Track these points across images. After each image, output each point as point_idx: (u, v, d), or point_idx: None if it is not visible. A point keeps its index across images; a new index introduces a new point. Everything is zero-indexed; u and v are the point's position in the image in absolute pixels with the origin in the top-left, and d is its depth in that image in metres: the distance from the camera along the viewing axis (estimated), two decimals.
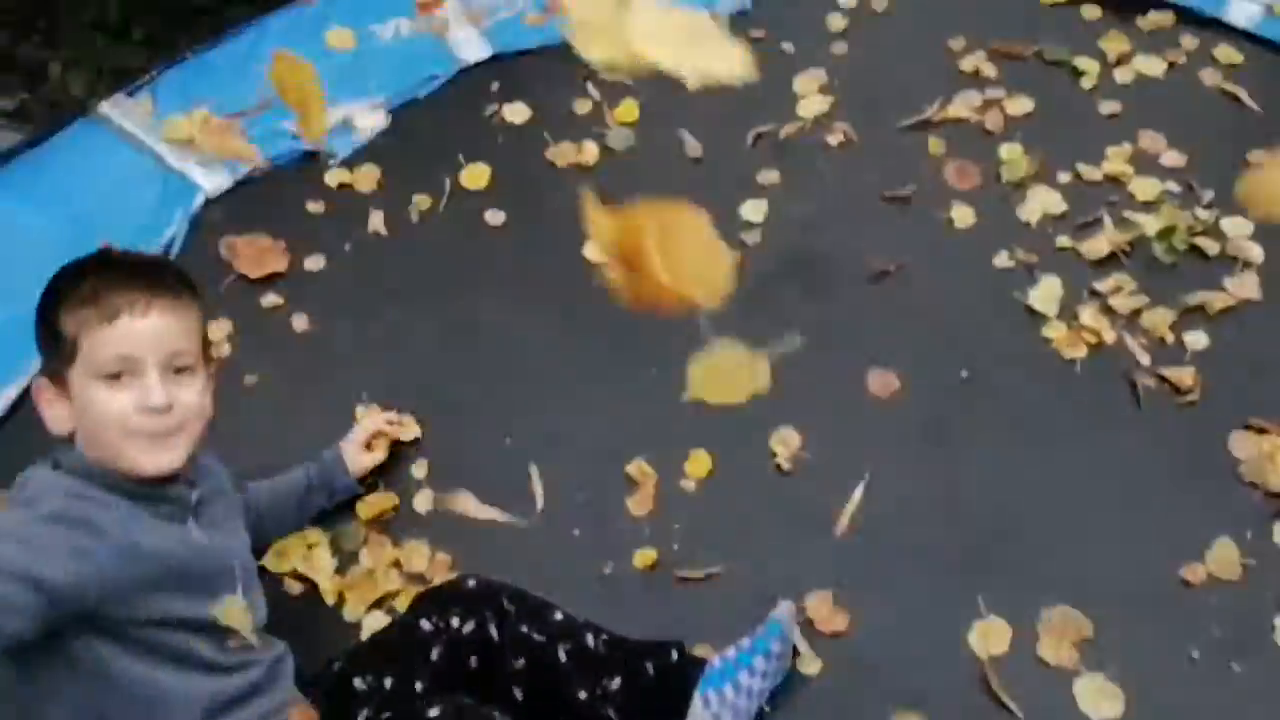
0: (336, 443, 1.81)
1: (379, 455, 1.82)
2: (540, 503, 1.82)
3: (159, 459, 1.28)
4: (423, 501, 1.83)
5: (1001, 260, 2.11)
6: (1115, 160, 2.25)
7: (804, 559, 1.75)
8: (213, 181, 2.28)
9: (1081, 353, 1.98)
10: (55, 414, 1.30)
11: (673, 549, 1.76)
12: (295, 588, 1.74)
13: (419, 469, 1.87)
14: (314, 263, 2.16)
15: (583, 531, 1.80)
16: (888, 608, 1.71)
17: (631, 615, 1.67)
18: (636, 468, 1.84)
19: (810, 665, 1.65)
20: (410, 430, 1.88)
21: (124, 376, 1.26)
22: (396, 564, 1.76)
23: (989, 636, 1.67)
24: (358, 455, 1.79)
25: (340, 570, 1.75)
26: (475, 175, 2.27)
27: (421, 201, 2.23)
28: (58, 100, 2.90)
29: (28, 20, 2.97)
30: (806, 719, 1.62)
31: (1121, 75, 2.41)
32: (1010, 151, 2.27)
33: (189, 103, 2.38)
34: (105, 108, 2.36)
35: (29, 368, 1.95)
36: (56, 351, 1.29)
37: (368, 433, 1.82)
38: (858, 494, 1.81)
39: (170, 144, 2.32)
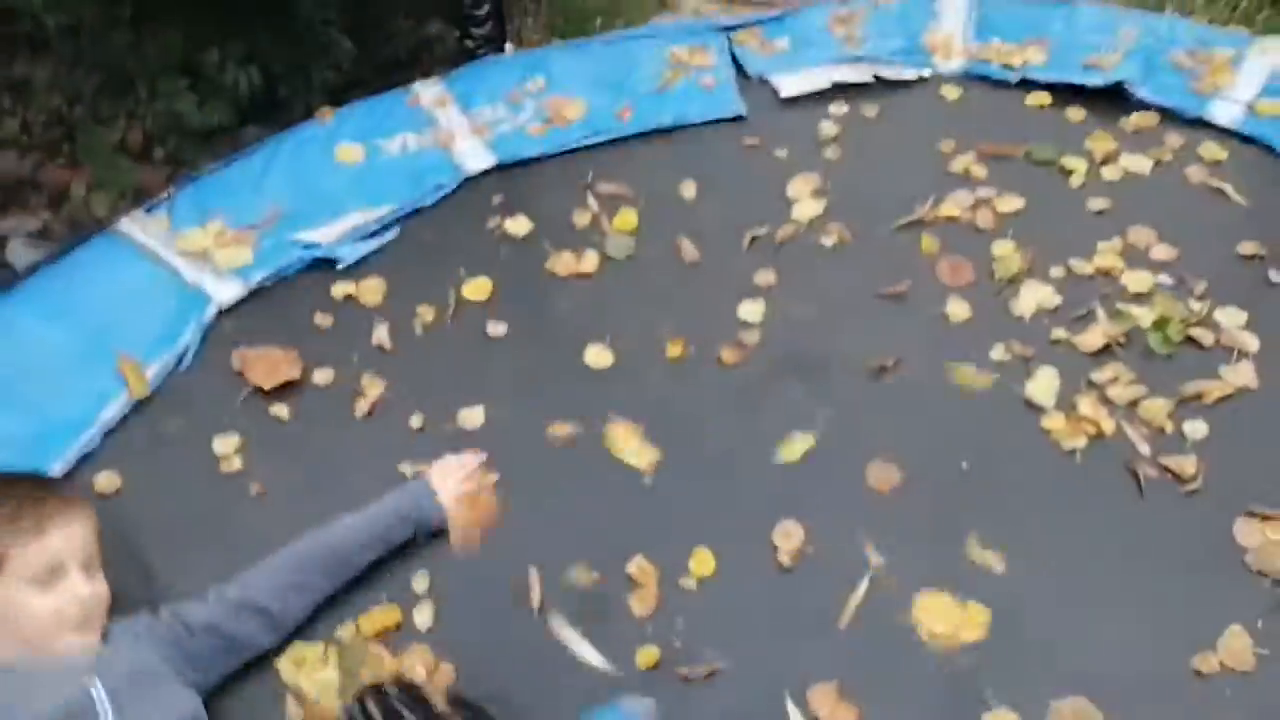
0: (424, 482, 1.88)
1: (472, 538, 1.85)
2: (537, 601, 1.81)
3: (86, 640, 1.46)
4: (423, 616, 1.81)
5: (998, 353, 2.13)
6: (1106, 254, 2.29)
7: (808, 653, 1.74)
8: (225, 292, 2.34)
9: (1081, 443, 1.99)
10: None
11: (675, 646, 1.75)
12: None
13: (420, 581, 1.85)
14: (322, 375, 2.19)
15: (583, 632, 1.78)
16: (896, 701, 1.68)
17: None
18: (637, 567, 1.84)
19: None
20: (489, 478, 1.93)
21: (53, 580, 1.43)
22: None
23: None
24: (447, 493, 1.87)
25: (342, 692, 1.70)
26: (477, 287, 2.32)
27: (425, 313, 2.28)
28: (80, 220, 2.99)
29: (54, 144, 3.08)
30: None
31: (1109, 173, 2.47)
32: (1002, 248, 2.32)
33: (204, 216, 2.46)
34: (124, 223, 2.45)
35: (46, 470, 1.99)
36: None
37: (455, 493, 1.87)
38: (862, 587, 1.81)
39: (185, 256, 2.39)
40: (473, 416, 2.08)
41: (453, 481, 1.88)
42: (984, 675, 1.70)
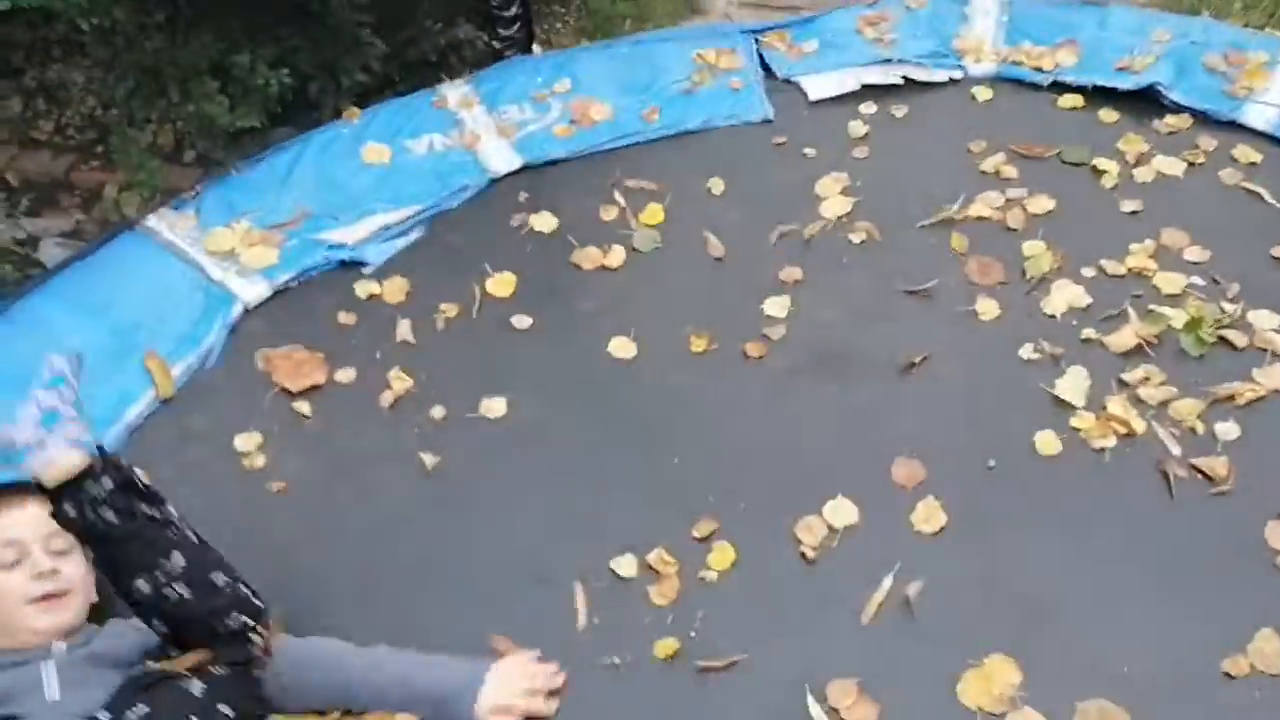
0: (482, 669, 1.58)
1: None
2: (581, 599, 1.80)
3: (54, 619, 1.46)
4: None
5: (1026, 352, 2.10)
6: (1138, 255, 2.26)
7: (830, 647, 1.71)
8: (251, 292, 2.34)
9: (1111, 442, 1.95)
10: None
11: (694, 638, 1.73)
12: None
13: None
14: (345, 373, 2.18)
15: (602, 620, 1.77)
16: (918, 699, 1.65)
17: (651, 705, 1.63)
18: (659, 558, 1.82)
19: None
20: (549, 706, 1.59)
21: (14, 560, 1.45)
22: None
23: None
24: (490, 703, 1.55)
25: None
26: (502, 283, 2.32)
27: (449, 310, 2.27)
28: (111, 221, 3.03)
29: (88, 145, 3.12)
30: None
31: (1141, 174, 2.44)
32: (1033, 247, 2.29)
33: (231, 216, 2.47)
34: (152, 220, 2.46)
35: None
36: None
37: (503, 706, 1.56)
38: (887, 582, 1.78)
39: (212, 255, 2.40)
40: (495, 406, 2.08)
41: (507, 692, 1.57)
42: (1008, 673, 1.66)
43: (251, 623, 1.48)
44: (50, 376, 1.42)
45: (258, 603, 1.51)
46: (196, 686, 1.42)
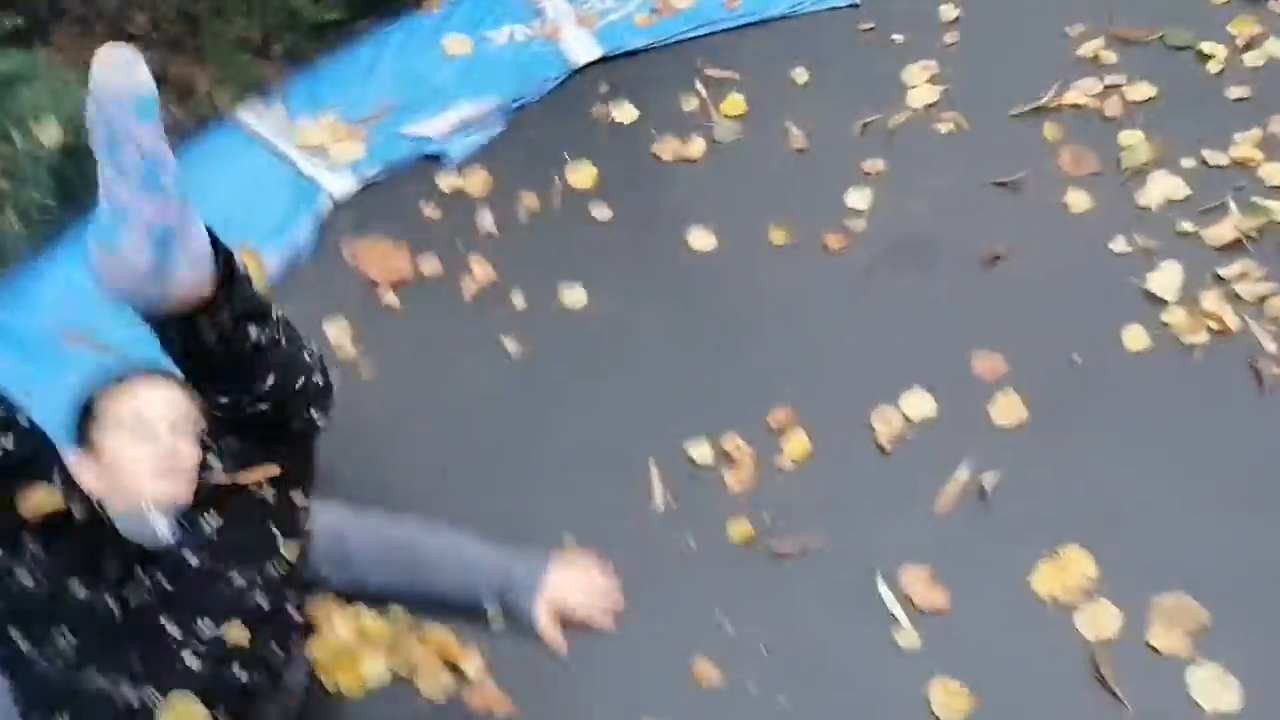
0: (542, 569, 1.51)
1: (557, 642, 1.47)
2: (657, 485, 1.83)
3: (171, 493, 1.41)
4: None
5: (1119, 245, 2.05)
6: (1243, 145, 2.17)
7: (903, 535, 1.73)
8: (338, 186, 2.38)
9: (1202, 338, 1.90)
10: (90, 479, 1.41)
11: (767, 523, 1.76)
12: None
13: None
14: (430, 264, 2.22)
15: (678, 505, 1.81)
16: (989, 586, 1.67)
17: (723, 587, 1.67)
18: (734, 445, 1.84)
19: (908, 640, 1.63)
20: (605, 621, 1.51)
21: (143, 437, 1.41)
22: None
23: (1097, 620, 1.62)
24: (549, 605, 1.50)
25: None
26: (582, 174, 2.32)
27: (530, 201, 2.29)
28: (205, 114, 3.07)
29: (179, 39, 3.16)
30: (903, 690, 1.60)
31: (1251, 59, 2.32)
32: (1131, 137, 2.21)
33: (318, 109, 2.51)
34: (243, 114, 2.51)
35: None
36: (83, 420, 1.42)
37: (560, 608, 1.49)
38: (962, 474, 1.78)
39: (301, 150, 2.44)
40: (575, 296, 2.10)
41: (568, 594, 1.51)
42: (1083, 564, 1.66)
43: (322, 415, 1.45)
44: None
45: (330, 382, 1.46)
46: (269, 493, 1.42)
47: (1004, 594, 1.66)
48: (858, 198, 2.18)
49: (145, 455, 1.41)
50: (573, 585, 1.52)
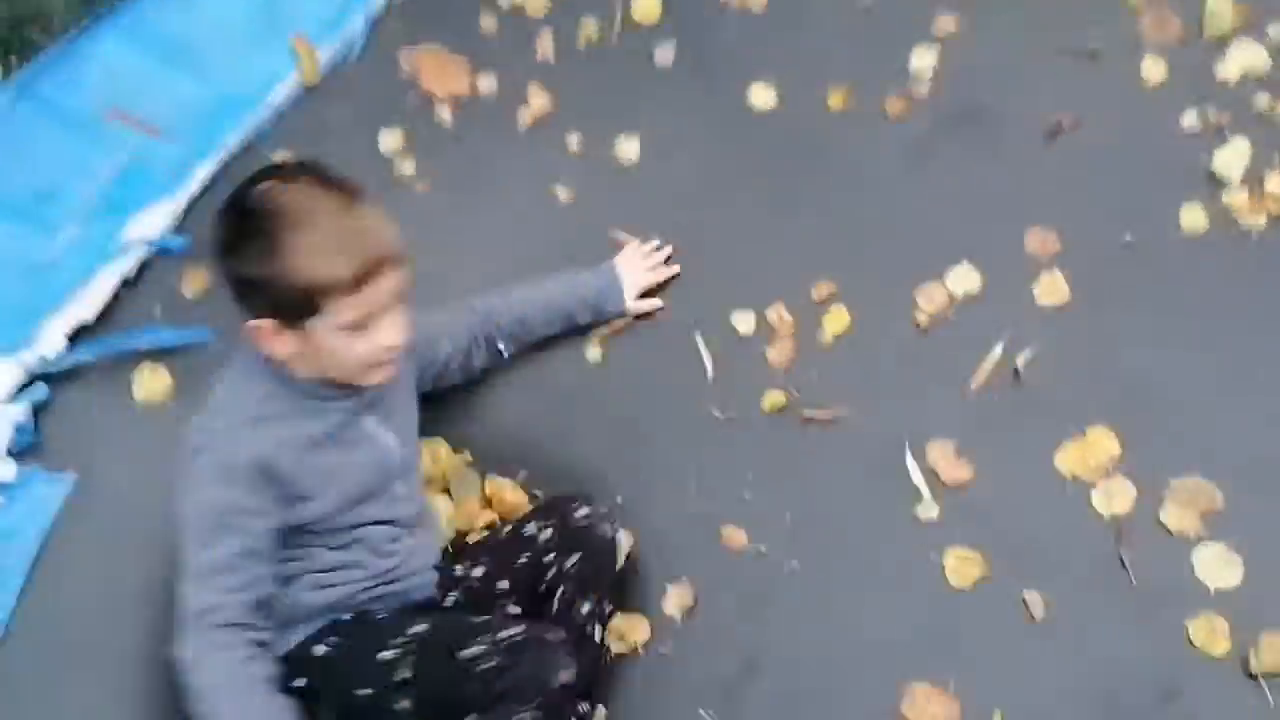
0: (611, 264, 1.93)
1: (654, 303, 1.93)
2: (704, 352, 1.91)
3: (387, 374, 1.53)
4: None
5: (1189, 120, 2.00)
6: None
7: (934, 409, 1.79)
8: None
9: (1261, 222, 1.88)
10: (275, 348, 1.47)
11: (800, 394, 1.84)
12: None
13: None
14: (486, 82, 2.22)
15: (716, 373, 1.88)
16: (1013, 463, 1.74)
17: (753, 454, 1.78)
18: (777, 315, 1.90)
19: (928, 510, 1.72)
20: (671, 269, 1.96)
21: (367, 326, 1.46)
22: None
23: (1113, 498, 1.69)
24: (632, 289, 1.92)
25: None
26: (646, 9, 2.27)
27: (589, 27, 2.25)
28: None
29: None
30: (917, 557, 1.70)
31: None
32: (1217, 2, 2.11)
33: None
34: None
35: (223, 142, 2.12)
36: (293, 307, 1.43)
37: (640, 288, 1.93)
38: (997, 351, 1.82)
39: None
40: (629, 149, 2.12)
41: (638, 275, 1.93)
42: (1107, 444, 1.72)
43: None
44: None
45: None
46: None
47: (1027, 470, 1.73)
48: (923, 59, 2.12)
49: (365, 348, 1.46)
50: (637, 265, 1.93)
